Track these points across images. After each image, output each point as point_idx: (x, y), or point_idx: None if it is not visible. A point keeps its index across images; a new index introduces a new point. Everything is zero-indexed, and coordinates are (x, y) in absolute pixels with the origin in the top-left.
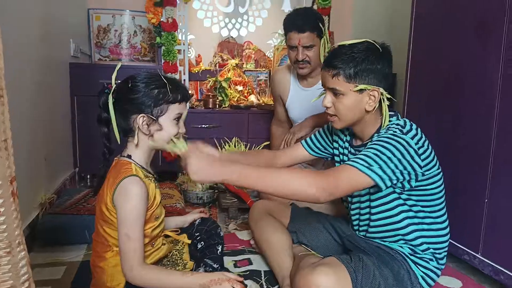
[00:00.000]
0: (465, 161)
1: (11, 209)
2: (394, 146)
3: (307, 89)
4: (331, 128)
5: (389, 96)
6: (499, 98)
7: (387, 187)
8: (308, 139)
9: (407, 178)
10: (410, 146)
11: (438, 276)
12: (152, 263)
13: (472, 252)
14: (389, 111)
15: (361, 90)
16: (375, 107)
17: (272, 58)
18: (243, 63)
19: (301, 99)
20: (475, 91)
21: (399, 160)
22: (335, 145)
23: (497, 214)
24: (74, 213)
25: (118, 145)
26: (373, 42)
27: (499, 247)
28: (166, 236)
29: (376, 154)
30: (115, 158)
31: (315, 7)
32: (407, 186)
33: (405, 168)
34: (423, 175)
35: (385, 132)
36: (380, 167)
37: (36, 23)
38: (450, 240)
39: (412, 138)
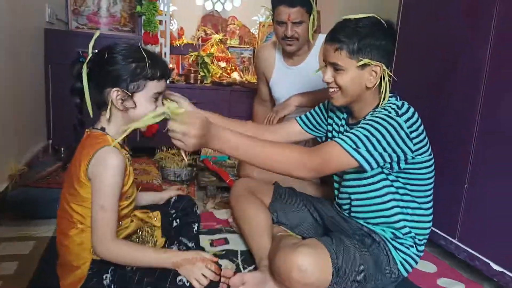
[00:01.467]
0: (446, 146)
1: None
2: (385, 127)
3: (292, 67)
4: (327, 106)
5: (390, 74)
6: (485, 83)
7: (372, 169)
8: (303, 115)
9: (395, 159)
10: (402, 128)
11: (416, 263)
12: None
13: (449, 238)
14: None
15: (363, 66)
16: (375, 83)
17: (257, 35)
18: (227, 39)
19: (286, 77)
20: (461, 76)
21: (388, 143)
22: (330, 121)
23: (475, 200)
24: (45, 186)
25: (90, 118)
26: (378, 17)
27: (476, 233)
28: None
29: (366, 136)
30: (87, 130)
31: None
32: (395, 167)
33: (394, 151)
34: (412, 158)
35: (379, 112)
36: (367, 150)
37: None
38: None
39: (406, 121)
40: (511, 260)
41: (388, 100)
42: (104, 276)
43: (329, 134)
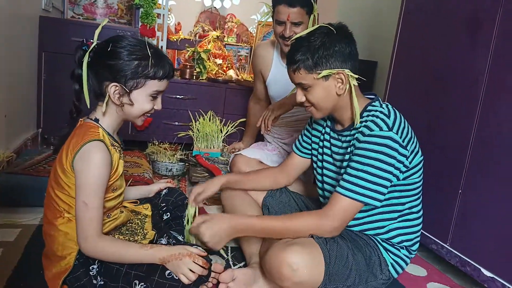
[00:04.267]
0: (442, 151)
1: None
2: (383, 153)
3: None
4: (310, 121)
5: (356, 76)
6: (483, 93)
7: (381, 202)
8: (296, 142)
9: (396, 178)
10: (397, 142)
11: (407, 264)
12: (107, 232)
13: (441, 242)
14: (368, 95)
15: (326, 77)
16: (345, 89)
17: (254, 34)
18: (224, 36)
19: (283, 77)
20: (459, 85)
21: (389, 171)
22: (314, 137)
23: (469, 206)
24: (33, 174)
25: (86, 107)
26: (327, 25)
27: (468, 238)
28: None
29: (366, 172)
30: (80, 119)
31: None
32: (394, 180)
33: (394, 174)
34: (410, 163)
35: (371, 132)
36: (372, 189)
37: None
38: None
39: (397, 132)
40: (502, 266)
41: (373, 106)
42: (91, 268)
43: (314, 147)
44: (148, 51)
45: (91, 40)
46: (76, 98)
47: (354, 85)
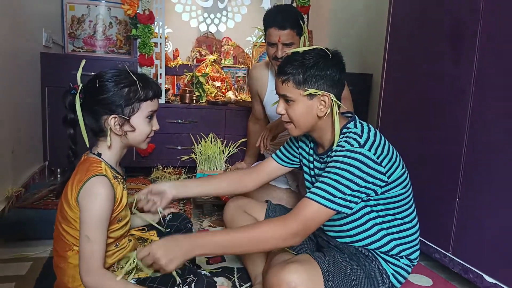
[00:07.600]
0: (438, 160)
1: None
2: (352, 165)
3: None
4: (297, 136)
5: (339, 103)
6: (471, 103)
7: (352, 210)
8: (277, 151)
9: (372, 192)
10: (369, 158)
11: (408, 273)
12: (115, 262)
13: (443, 251)
14: (346, 115)
15: (311, 96)
16: (326, 112)
17: (250, 55)
18: (221, 59)
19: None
20: (448, 96)
21: (360, 180)
22: (300, 150)
23: (468, 213)
24: (41, 208)
25: (85, 147)
26: (324, 48)
27: (469, 246)
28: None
29: (336, 181)
30: (84, 154)
31: (294, 5)
32: (372, 194)
33: (367, 187)
34: (388, 178)
35: (342, 148)
36: (341, 197)
37: (6, 11)
38: (421, 238)
39: (370, 149)
40: (504, 272)
41: (348, 128)
42: None
43: (305, 168)
44: (133, 76)
45: (77, 84)
46: (72, 142)
47: (335, 112)
